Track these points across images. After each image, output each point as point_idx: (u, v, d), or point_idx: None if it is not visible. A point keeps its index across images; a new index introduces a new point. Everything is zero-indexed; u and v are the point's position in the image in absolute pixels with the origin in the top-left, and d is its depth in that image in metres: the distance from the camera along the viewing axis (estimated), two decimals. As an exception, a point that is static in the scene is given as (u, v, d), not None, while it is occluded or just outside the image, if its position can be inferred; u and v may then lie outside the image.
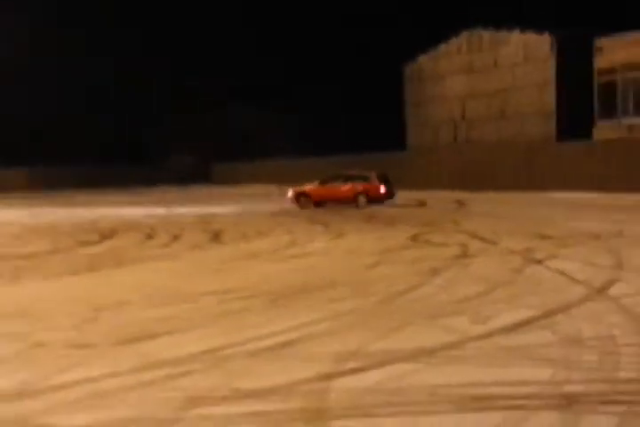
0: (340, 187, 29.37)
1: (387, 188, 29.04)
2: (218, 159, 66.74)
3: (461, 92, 45.48)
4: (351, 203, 28.69)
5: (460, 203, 29.76)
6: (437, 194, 36.60)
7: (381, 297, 9.33)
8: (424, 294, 9.48)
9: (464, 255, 13.23)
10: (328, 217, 23.96)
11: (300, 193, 29.74)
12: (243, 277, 11.55)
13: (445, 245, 14.97)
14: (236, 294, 9.76)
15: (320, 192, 29.49)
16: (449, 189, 38.72)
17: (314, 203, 29.12)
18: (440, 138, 46.92)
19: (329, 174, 30.83)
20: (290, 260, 13.62)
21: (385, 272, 11.61)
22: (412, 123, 49.57)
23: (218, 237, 18.19)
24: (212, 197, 42.99)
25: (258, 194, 41.71)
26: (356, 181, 29.31)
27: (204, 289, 10.29)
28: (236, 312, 8.61)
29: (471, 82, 44.74)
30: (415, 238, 16.32)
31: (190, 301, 9.44)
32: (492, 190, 36.21)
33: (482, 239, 15.64)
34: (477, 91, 44.33)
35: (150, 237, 18.69)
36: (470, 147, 42.93)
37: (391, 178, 29.82)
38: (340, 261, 13.17)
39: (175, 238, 18.06)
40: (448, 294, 9.40)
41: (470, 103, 44.99)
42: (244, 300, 9.37)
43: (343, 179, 29.84)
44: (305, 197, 29.51)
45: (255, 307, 8.90)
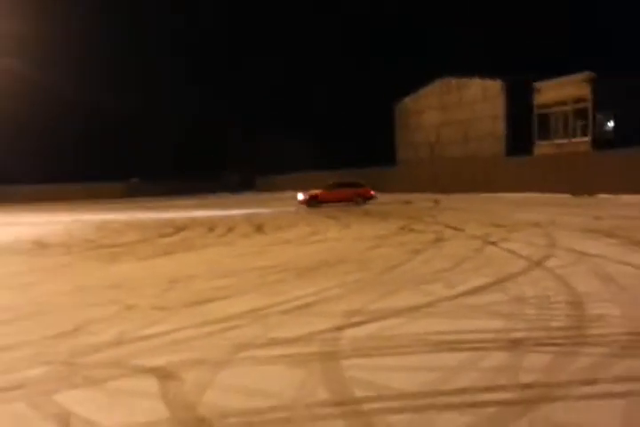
0: (343, 191, 29.96)
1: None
2: (259, 173, 67.19)
3: (436, 122, 45.45)
4: (350, 202, 29.52)
5: (436, 201, 29.67)
6: (419, 196, 36.48)
7: (379, 270, 9.29)
8: (410, 268, 9.43)
9: (439, 239, 13.14)
10: (337, 213, 23.94)
11: (312, 196, 29.93)
12: (278, 257, 11.53)
13: (425, 232, 14.90)
14: (272, 269, 9.75)
15: (326, 195, 29.90)
16: (428, 192, 38.64)
17: (319, 203, 29.47)
18: (420, 155, 46.97)
19: (330, 183, 31.19)
20: (312, 244, 13.59)
21: (381, 252, 11.56)
22: (401, 144, 49.68)
23: (260, 228, 18.19)
24: (255, 200, 43.08)
25: (287, 198, 41.66)
26: (353, 187, 30.34)
27: (249, 266, 10.29)
28: (272, 282, 8.60)
29: (443, 115, 44.72)
30: (403, 228, 16.24)
31: (239, 274, 9.44)
32: (459, 192, 36.12)
33: (452, 228, 15.54)
34: (448, 121, 44.29)
35: (212, 229, 18.71)
36: (442, 161, 42.90)
37: (386, 185, 30.37)
38: (349, 245, 13.13)
39: (229, 230, 18.07)
40: (427, 267, 9.35)
41: (442, 130, 44.95)
42: (278, 273, 9.36)
43: (343, 185, 30.57)
44: (315, 198, 29.72)
45: (286, 278, 8.89)
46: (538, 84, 35.58)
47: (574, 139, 33.72)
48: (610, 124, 33.17)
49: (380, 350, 5.07)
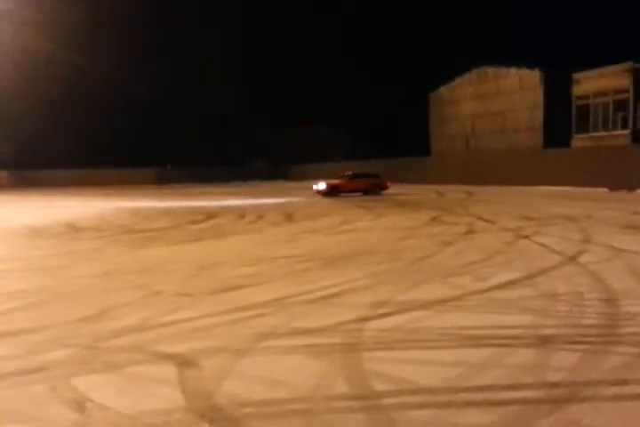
0: (360, 181, 30.47)
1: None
2: (292, 162, 67.21)
3: (471, 113, 44.86)
4: (369, 192, 30.01)
5: (469, 193, 29.25)
6: (452, 187, 36.07)
7: (408, 261, 9.15)
8: (439, 260, 9.27)
9: (470, 232, 12.93)
10: (368, 203, 23.74)
11: (332, 185, 30.26)
12: (306, 245, 11.46)
13: (456, 224, 14.67)
14: (300, 258, 9.68)
15: (345, 185, 30.34)
16: (461, 184, 38.15)
17: (338, 192, 29.93)
18: (455, 146, 46.45)
19: (348, 173, 31.48)
20: (342, 234, 13.48)
21: (411, 243, 11.40)
22: (435, 135, 49.13)
23: (290, 217, 18.14)
24: (287, 189, 43.07)
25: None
26: (369, 178, 31.06)
27: (277, 254, 10.24)
28: (299, 271, 8.52)
29: (479, 105, 44.07)
30: (434, 219, 16.03)
31: (267, 262, 9.39)
32: (493, 185, 35.62)
33: (484, 220, 15.29)
34: (483, 112, 43.68)
35: (242, 217, 18.74)
36: (477, 153, 42.33)
37: (419, 175, 30.41)
38: (379, 235, 12.98)
39: (259, 218, 18.07)
40: (457, 260, 9.18)
41: (478, 121, 44.34)
42: (305, 262, 9.28)
43: (360, 176, 31.20)
44: (335, 188, 30.06)
45: (313, 267, 8.81)
46: (577, 75, 34.83)
47: (614, 131, 32.95)
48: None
49: (404, 344, 4.96)
